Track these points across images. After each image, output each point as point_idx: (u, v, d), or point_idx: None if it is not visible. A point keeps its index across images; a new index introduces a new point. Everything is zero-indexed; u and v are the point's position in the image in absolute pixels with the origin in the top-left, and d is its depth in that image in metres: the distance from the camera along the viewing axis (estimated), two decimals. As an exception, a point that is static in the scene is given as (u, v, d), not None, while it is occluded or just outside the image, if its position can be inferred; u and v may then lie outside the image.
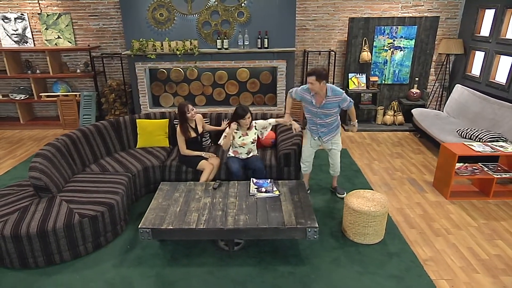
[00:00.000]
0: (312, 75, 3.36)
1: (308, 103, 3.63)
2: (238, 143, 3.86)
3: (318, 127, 3.69)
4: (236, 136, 3.84)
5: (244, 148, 3.88)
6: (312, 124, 3.75)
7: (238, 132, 3.84)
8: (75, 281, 2.82)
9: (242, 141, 3.85)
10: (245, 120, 3.70)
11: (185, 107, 3.88)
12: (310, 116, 3.72)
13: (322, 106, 3.54)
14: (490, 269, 2.90)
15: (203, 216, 3.02)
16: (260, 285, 2.74)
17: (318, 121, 3.65)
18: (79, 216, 3.02)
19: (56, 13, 6.21)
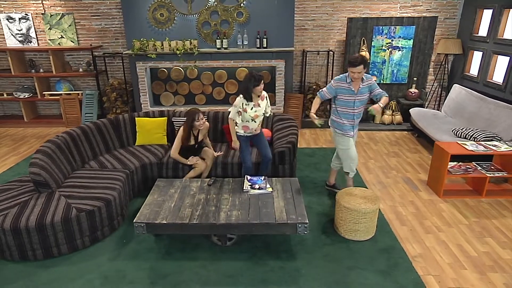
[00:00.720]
0: (360, 65, 3.35)
1: (345, 92, 3.58)
2: (251, 115, 3.66)
3: (355, 118, 3.66)
4: (248, 108, 3.63)
5: (255, 122, 3.71)
6: (348, 118, 3.67)
7: (250, 104, 3.63)
8: (72, 273, 2.91)
9: (255, 113, 3.66)
10: (259, 87, 3.54)
11: (195, 115, 3.82)
12: (346, 109, 3.64)
13: (360, 91, 3.56)
14: (478, 265, 2.94)
15: (196, 211, 3.09)
16: (250, 279, 2.81)
17: (355, 111, 3.62)
18: (77, 211, 3.11)
19: (59, 13, 6.33)
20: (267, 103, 3.78)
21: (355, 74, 3.42)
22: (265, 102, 3.74)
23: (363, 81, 3.56)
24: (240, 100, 3.61)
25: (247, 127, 3.73)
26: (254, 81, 3.51)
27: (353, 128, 3.71)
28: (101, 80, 6.72)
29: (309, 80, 6.62)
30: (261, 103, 3.71)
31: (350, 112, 3.64)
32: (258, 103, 3.66)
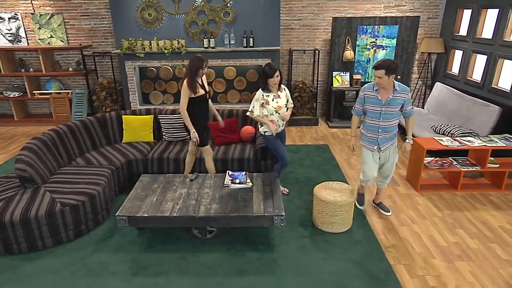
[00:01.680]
0: (381, 69, 3.05)
1: (371, 102, 3.25)
2: (274, 107, 3.61)
3: (379, 131, 3.29)
4: (269, 99, 3.59)
5: (279, 113, 3.64)
6: (372, 131, 3.34)
7: (270, 95, 3.60)
8: (55, 265, 3.00)
9: (277, 104, 3.62)
10: (273, 79, 3.51)
11: (203, 62, 3.60)
12: (371, 120, 3.31)
13: (389, 102, 3.19)
14: (446, 254, 3.06)
15: (177, 205, 3.20)
16: (228, 269, 2.92)
17: (380, 123, 3.26)
18: (61, 205, 3.20)
19: (49, 13, 6.40)
20: (287, 94, 3.74)
21: (376, 78, 3.13)
22: (284, 93, 3.70)
23: (395, 92, 3.18)
24: (260, 93, 3.61)
25: (273, 121, 3.65)
26: (270, 71, 3.49)
27: (377, 143, 3.36)
28: (91, 79, 6.79)
29: (296, 78, 6.73)
30: (281, 94, 3.67)
31: (375, 124, 3.30)
32: (278, 95, 3.63)
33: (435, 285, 2.74)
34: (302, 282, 2.77)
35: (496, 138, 4.10)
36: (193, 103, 3.67)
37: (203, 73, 3.66)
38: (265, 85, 3.57)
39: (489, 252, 3.08)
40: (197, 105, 3.71)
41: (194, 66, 3.57)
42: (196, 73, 3.58)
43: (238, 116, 4.76)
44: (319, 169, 4.72)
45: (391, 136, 3.38)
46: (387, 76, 3.07)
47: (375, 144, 3.38)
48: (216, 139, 4.54)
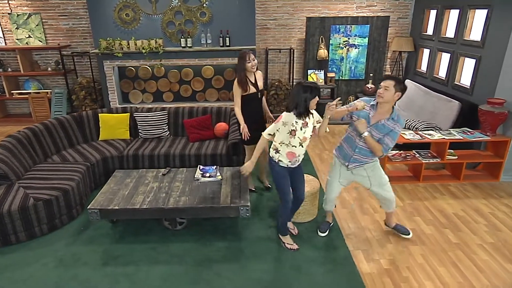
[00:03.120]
0: (391, 80, 2.72)
1: (360, 114, 2.88)
2: (300, 138, 2.82)
3: (356, 151, 2.95)
4: (297, 128, 2.79)
5: (303, 146, 2.89)
6: (348, 143, 3.02)
7: (299, 122, 2.78)
8: (28, 258, 3.10)
9: (303, 135, 2.83)
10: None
11: (246, 55, 3.44)
12: (352, 134, 2.98)
13: (376, 125, 2.83)
14: (402, 240, 3.27)
15: (148, 198, 3.33)
16: (196, 258, 3.07)
17: (359, 142, 2.92)
18: (34, 200, 3.30)
19: (26, 13, 6.43)
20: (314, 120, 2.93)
21: (381, 89, 2.75)
22: (312, 120, 2.89)
23: (390, 120, 2.80)
24: (291, 117, 2.77)
25: (294, 154, 2.89)
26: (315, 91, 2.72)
27: (348, 159, 3.02)
28: (70, 79, 6.84)
29: (273, 77, 6.90)
30: (309, 122, 2.85)
31: (353, 140, 2.96)
32: (306, 122, 2.83)
33: (388, 267, 2.93)
34: (264, 268, 2.93)
35: (454, 132, 4.34)
36: (243, 101, 3.56)
37: (251, 67, 3.45)
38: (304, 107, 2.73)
39: (441, 237, 3.30)
40: (246, 104, 3.56)
41: (238, 62, 3.47)
42: (241, 68, 3.45)
43: (212, 113, 4.90)
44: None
45: (365, 160, 2.99)
46: (394, 90, 2.70)
47: (347, 160, 3.04)
48: (190, 135, 4.67)
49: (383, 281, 2.79)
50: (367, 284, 2.75)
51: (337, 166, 3.17)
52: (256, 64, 3.52)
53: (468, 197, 3.99)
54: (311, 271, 2.89)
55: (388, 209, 3.26)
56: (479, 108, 4.20)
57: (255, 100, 3.64)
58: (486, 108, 4.12)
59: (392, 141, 2.84)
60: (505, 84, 4.19)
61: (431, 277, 2.82)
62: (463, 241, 3.23)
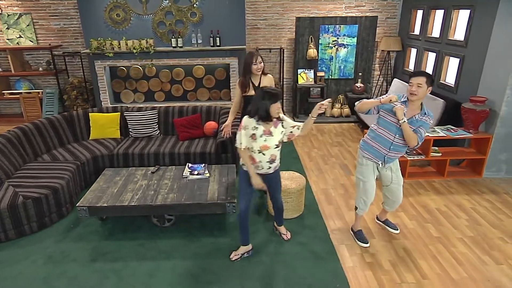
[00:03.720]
0: (422, 76, 2.73)
1: (391, 110, 2.83)
2: (259, 145, 2.76)
3: (391, 148, 2.89)
4: (257, 134, 2.74)
5: (264, 155, 2.80)
6: (381, 144, 2.92)
7: (259, 128, 2.74)
8: (18, 255, 3.14)
9: (264, 143, 2.76)
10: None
11: (253, 57, 3.32)
12: (385, 131, 2.90)
13: (410, 121, 2.80)
14: (385, 235, 3.36)
15: (136, 195, 3.38)
16: (183, 253, 3.13)
17: (395, 139, 2.86)
18: (23, 198, 3.34)
19: (17, 13, 6.44)
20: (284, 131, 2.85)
21: (413, 86, 2.74)
22: (280, 129, 2.81)
23: (421, 114, 2.82)
24: (251, 122, 2.74)
25: (254, 160, 2.84)
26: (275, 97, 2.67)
27: (383, 159, 2.96)
28: (61, 79, 6.86)
29: (264, 76, 6.97)
30: (274, 131, 2.78)
31: (389, 138, 2.88)
32: (269, 131, 2.77)
33: (370, 261, 3.02)
34: (249, 262, 3.00)
35: (439, 129, 4.44)
36: (244, 102, 3.51)
37: (256, 69, 3.33)
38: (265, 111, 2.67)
39: (423, 231, 3.39)
40: (246, 105, 3.48)
41: (245, 63, 3.38)
42: (247, 69, 3.36)
43: (202, 112, 4.96)
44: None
45: (397, 156, 2.99)
46: (426, 86, 2.72)
47: (381, 159, 2.98)
48: (180, 134, 4.73)
49: (365, 274, 2.87)
50: (349, 277, 2.83)
51: (370, 167, 3.05)
52: (262, 68, 3.39)
53: (452, 193, 4.09)
54: (295, 265, 2.97)
55: (391, 208, 3.29)
56: (462, 106, 4.30)
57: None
58: (468, 106, 4.22)
59: (425, 131, 2.85)
60: (487, 82, 4.30)
61: (411, 269, 2.90)
62: (444, 235, 3.33)
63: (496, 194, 4.03)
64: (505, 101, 4.07)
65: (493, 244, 3.19)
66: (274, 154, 2.85)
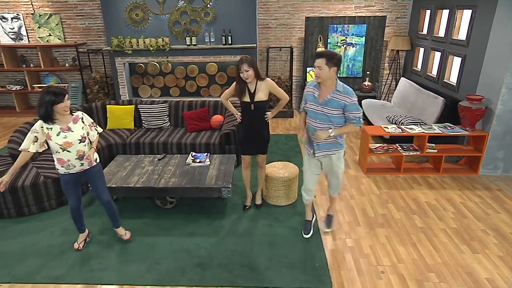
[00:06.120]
0: (322, 57, 2.70)
1: (310, 99, 2.94)
2: (59, 143, 2.75)
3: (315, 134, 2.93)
4: (53, 134, 2.74)
5: (70, 151, 2.80)
6: (310, 131, 3.02)
7: (55, 127, 2.74)
8: (38, 227, 3.57)
9: (64, 140, 2.75)
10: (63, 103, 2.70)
11: (240, 65, 3.20)
12: (309, 120, 3.00)
13: (326, 102, 2.82)
14: (371, 223, 3.54)
15: (142, 178, 3.73)
16: (180, 232, 3.45)
17: (316, 124, 2.91)
18: (44, 178, 3.77)
19: (48, 13, 7.00)
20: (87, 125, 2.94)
21: (316, 69, 2.77)
22: (80, 124, 2.85)
23: (336, 92, 2.79)
24: (38, 124, 2.75)
25: (63, 161, 2.83)
26: (53, 97, 2.63)
27: (313, 146, 3.03)
28: (85, 74, 7.39)
29: (274, 74, 7.22)
30: (74, 126, 2.80)
31: (312, 124, 2.97)
32: (68, 127, 2.78)
33: (352, 246, 3.22)
34: (239, 241, 3.28)
35: (436, 126, 4.54)
36: (241, 108, 3.49)
37: (245, 78, 3.22)
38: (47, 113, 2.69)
39: (408, 222, 3.55)
40: (242, 111, 3.50)
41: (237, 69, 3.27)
42: (238, 77, 3.30)
43: (210, 106, 5.28)
44: (283, 155, 5.21)
45: (331, 144, 2.97)
46: (327, 67, 2.69)
47: (311, 148, 3.07)
48: (189, 126, 5.07)
49: (345, 256, 3.08)
50: (329, 259, 3.05)
51: (305, 155, 3.20)
52: (250, 76, 3.22)
53: (444, 188, 4.20)
54: (280, 245, 3.21)
55: (333, 194, 3.36)
56: (459, 104, 4.39)
57: (246, 110, 3.42)
58: (465, 104, 4.31)
59: (355, 112, 2.81)
60: (485, 81, 4.36)
61: (389, 254, 3.08)
62: (428, 226, 3.47)
63: (488, 191, 4.11)
64: (500, 100, 4.14)
65: (474, 236, 3.31)
66: (81, 150, 2.85)
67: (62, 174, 2.94)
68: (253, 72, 3.24)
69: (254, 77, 3.29)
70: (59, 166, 2.89)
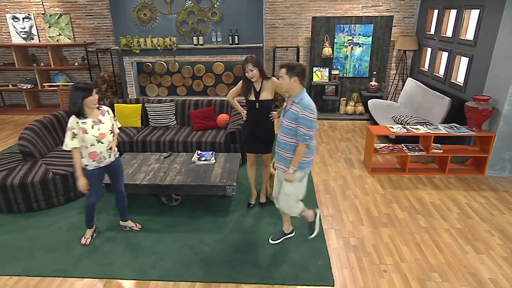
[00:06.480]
0: (283, 67, 2.72)
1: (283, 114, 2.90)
2: (95, 135, 2.91)
3: (277, 142, 2.94)
4: (88, 127, 2.88)
5: (103, 143, 2.96)
6: None
7: (88, 120, 2.89)
8: (46, 222, 3.64)
9: (99, 132, 2.93)
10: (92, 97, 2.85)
11: (245, 65, 3.26)
12: None
13: (284, 112, 2.84)
14: (374, 223, 3.55)
15: (148, 176, 3.79)
16: (185, 228, 3.49)
17: (279, 135, 2.91)
18: (53, 174, 3.85)
19: (58, 13, 7.12)
20: (111, 117, 3.11)
21: (279, 79, 2.80)
22: (108, 116, 3.04)
23: (293, 103, 2.75)
24: (72, 120, 2.88)
25: (95, 154, 2.97)
26: (83, 92, 2.79)
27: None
28: (94, 73, 7.49)
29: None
30: (103, 118, 2.99)
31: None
32: (99, 119, 2.96)
33: (355, 244, 3.23)
34: (242, 238, 3.31)
35: (441, 127, 4.52)
36: (247, 106, 3.52)
37: (250, 77, 3.26)
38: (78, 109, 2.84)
39: (412, 221, 3.55)
40: (247, 109, 3.55)
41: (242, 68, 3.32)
42: (244, 76, 3.35)
43: (216, 105, 5.32)
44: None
45: (285, 156, 2.87)
46: (288, 77, 2.67)
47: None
48: (195, 125, 5.11)
49: (347, 255, 3.09)
50: (332, 257, 3.06)
51: None
52: (255, 75, 3.25)
53: (450, 188, 4.18)
54: (283, 242, 3.24)
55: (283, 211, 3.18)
56: (465, 105, 4.36)
57: (252, 108, 3.46)
58: (471, 104, 4.29)
59: (303, 127, 2.67)
60: (492, 81, 4.33)
61: (392, 253, 3.09)
62: (432, 226, 3.47)
63: (494, 192, 4.08)
64: (507, 100, 4.10)
65: (478, 236, 3.30)
66: (110, 141, 3.02)
67: (91, 169, 3.04)
68: (257, 72, 3.28)
69: (259, 76, 3.32)
70: (90, 160, 2.99)
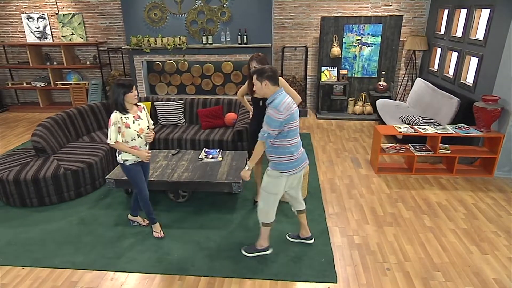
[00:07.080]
0: (253, 74, 2.78)
1: None
2: (136, 130, 3.03)
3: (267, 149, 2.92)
4: (130, 122, 3.00)
5: (142, 138, 3.10)
6: None
7: (129, 116, 3.01)
8: (57, 216, 3.75)
9: (139, 127, 3.06)
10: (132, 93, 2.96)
11: (249, 62, 3.33)
12: None
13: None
14: (379, 222, 3.55)
15: (156, 172, 3.86)
16: (191, 224, 3.56)
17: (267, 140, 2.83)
18: (64, 170, 3.95)
19: (71, 13, 7.28)
20: (147, 113, 3.22)
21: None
22: (144, 113, 3.18)
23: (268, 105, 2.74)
24: (116, 116, 2.96)
25: (136, 148, 3.10)
26: (124, 88, 2.91)
27: None
28: (105, 72, 7.63)
29: (289, 73, 7.27)
30: (141, 114, 3.12)
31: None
32: (138, 115, 3.09)
33: (359, 243, 3.25)
34: (247, 235, 3.36)
35: (449, 127, 4.50)
36: (253, 103, 3.53)
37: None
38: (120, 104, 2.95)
39: (417, 221, 3.55)
40: (253, 107, 3.56)
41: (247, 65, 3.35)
42: (248, 71, 3.37)
43: (224, 104, 5.38)
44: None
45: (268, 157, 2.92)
46: (259, 82, 2.72)
47: None
48: (203, 123, 5.18)
49: (351, 253, 3.11)
50: (336, 254, 3.09)
51: None
52: None
53: (457, 189, 4.16)
54: (288, 240, 3.27)
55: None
56: (474, 105, 4.33)
57: (256, 105, 3.50)
58: (480, 104, 4.25)
59: (265, 125, 2.69)
60: (502, 82, 4.29)
61: (396, 252, 3.10)
62: (437, 226, 3.46)
63: (502, 193, 4.05)
64: (517, 101, 4.06)
65: (484, 237, 3.28)
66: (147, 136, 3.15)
67: (130, 164, 3.13)
68: None
69: None
70: (129, 156, 3.10)
